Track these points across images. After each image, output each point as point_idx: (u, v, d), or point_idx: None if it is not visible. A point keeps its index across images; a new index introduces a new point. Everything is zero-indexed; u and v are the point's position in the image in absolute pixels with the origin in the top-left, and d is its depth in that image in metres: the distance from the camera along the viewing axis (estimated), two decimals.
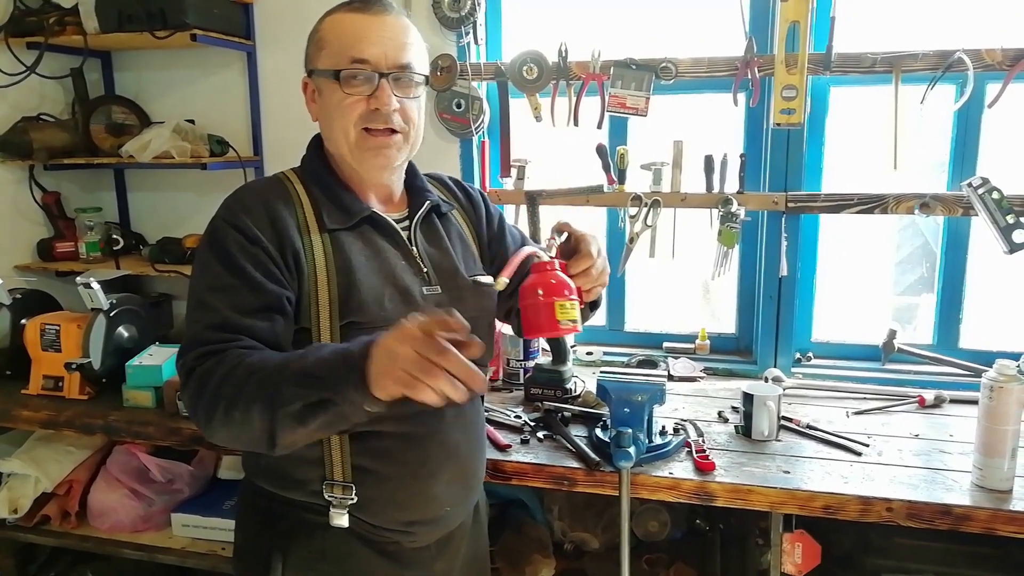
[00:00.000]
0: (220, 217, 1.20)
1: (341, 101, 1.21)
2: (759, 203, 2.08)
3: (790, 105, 1.96)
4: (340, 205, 1.25)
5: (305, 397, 1.00)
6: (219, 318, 1.12)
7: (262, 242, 1.17)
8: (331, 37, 1.23)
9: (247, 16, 2.41)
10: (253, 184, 1.30)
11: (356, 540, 1.25)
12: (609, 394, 1.58)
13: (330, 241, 1.22)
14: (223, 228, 1.18)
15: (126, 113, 2.53)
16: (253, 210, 1.19)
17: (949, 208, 1.95)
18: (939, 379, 2.05)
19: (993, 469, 1.45)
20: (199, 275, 1.18)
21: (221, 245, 1.16)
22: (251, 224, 1.17)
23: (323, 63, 1.23)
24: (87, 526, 2.13)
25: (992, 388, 1.44)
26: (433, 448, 1.25)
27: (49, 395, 2.07)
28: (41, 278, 2.49)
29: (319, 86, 1.25)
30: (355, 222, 1.25)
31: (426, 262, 1.30)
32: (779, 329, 2.16)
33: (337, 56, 1.21)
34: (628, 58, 2.05)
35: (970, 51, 1.85)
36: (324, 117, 1.26)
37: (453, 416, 1.28)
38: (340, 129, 1.23)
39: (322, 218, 1.23)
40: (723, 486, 1.51)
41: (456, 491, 1.31)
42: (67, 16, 2.29)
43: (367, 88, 1.20)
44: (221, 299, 1.13)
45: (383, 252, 1.26)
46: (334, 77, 1.20)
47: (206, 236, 1.20)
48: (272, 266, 1.16)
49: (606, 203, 2.19)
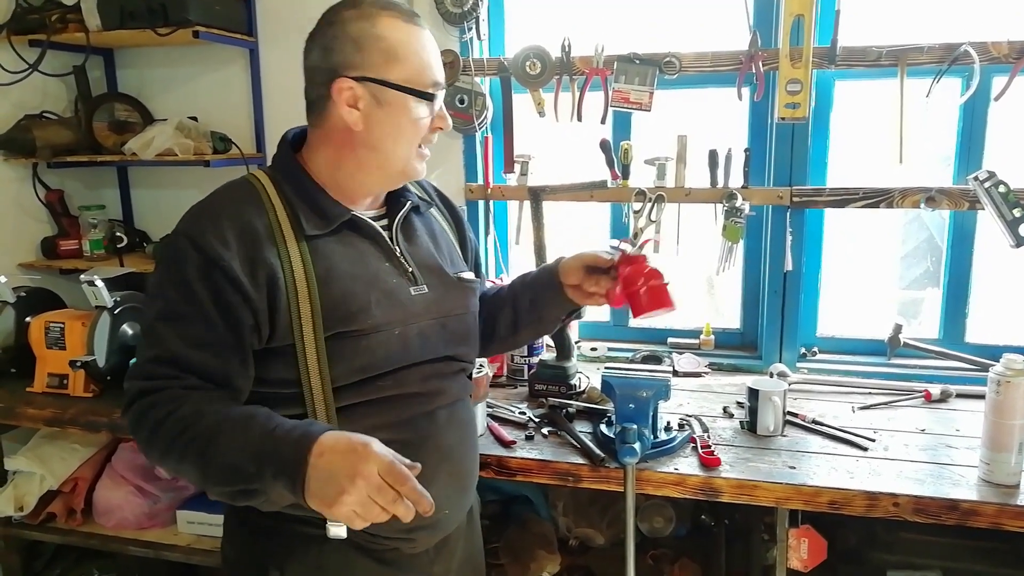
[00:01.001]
0: (181, 232, 1.13)
1: (417, 119, 1.19)
2: (764, 198, 2.07)
3: (795, 99, 1.95)
4: (318, 209, 1.19)
5: (233, 484, 1.01)
6: (166, 352, 1.09)
7: (223, 261, 1.09)
8: (406, 51, 1.17)
9: (249, 12, 2.40)
10: (221, 192, 1.20)
11: (354, 551, 1.22)
12: (614, 390, 1.57)
13: (308, 249, 1.16)
14: (183, 247, 1.11)
15: (129, 110, 2.53)
16: (218, 223, 1.12)
17: (955, 202, 1.94)
18: (945, 374, 2.04)
19: (1000, 464, 1.45)
20: (152, 297, 1.14)
21: (178, 268, 1.10)
22: (214, 242, 1.09)
23: (398, 76, 1.16)
24: (92, 523, 2.14)
25: (999, 382, 1.44)
26: (428, 452, 1.22)
27: (54, 393, 2.07)
28: (45, 276, 2.49)
29: (381, 97, 1.16)
30: (334, 227, 1.20)
31: (410, 262, 1.26)
32: (784, 324, 2.16)
33: (418, 74, 1.17)
34: (631, 53, 2.04)
35: (976, 44, 1.83)
36: (384, 130, 1.18)
37: (446, 419, 1.27)
38: (408, 145, 1.20)
39: (299, 224, 1.17)
40: (728, 482, 1.51)
41: (452, 493, 1.29)
42: (69, 13, 2.29)
43: (438, 106, 1.21)
44: (171, 330, 1.10)
45: (365, 256, 1.22)
46: (421, 96, 1.17)
47: (165, 252, 1.15)
48: (232, 293, 1.09)
49: (610, 198, 2.18)
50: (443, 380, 1.28)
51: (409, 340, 1.21)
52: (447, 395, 1.28)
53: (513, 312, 1.47)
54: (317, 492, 0.95)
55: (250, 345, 1.13)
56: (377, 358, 1.17)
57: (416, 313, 1.23)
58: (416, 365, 1.22)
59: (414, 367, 1.22)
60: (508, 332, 1.49)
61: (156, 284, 1.14)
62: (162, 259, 1.16)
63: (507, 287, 1.51)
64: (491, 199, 2.27)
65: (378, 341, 1.17)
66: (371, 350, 1.17)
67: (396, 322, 1.20)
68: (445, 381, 1.28)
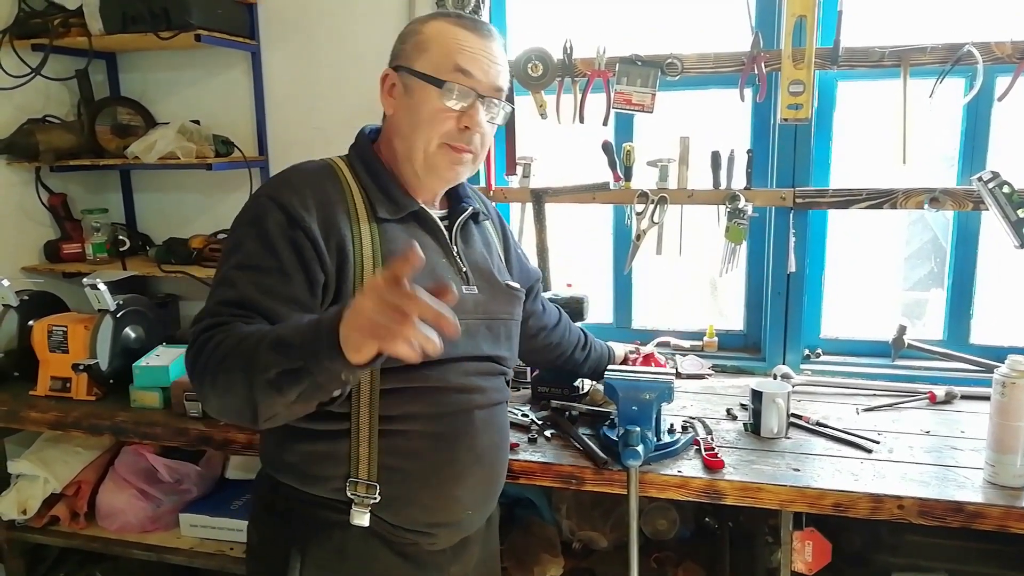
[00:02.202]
0: (264, 194, 1.17)
1: (435, 109, 1.21)
2: (767, 199, 2.07)
3: (797, 100, 1.95)
4: (390, 196, 1.25)
5: (279, 364, 0.94)
6: (237, 295, 1.08)
7: (305, 222, 1.13)
8: (436, 43, 1.22)
9: (251, 16, 2.40)
10: (302, 165, 1.27)
11: (376, 540, 1.25)
12: (617, 392, 1.57)
13: (378, 231, 1.21)
14: (266, 205, 1.15)
15: (131, 114, 2.54)
16: (301, 191, 1.17)
17: (959, 202, 1.93)
18: (950, 375, 2.03)
19: (1005, 465, 1.44)
20: (230, 251, 1.15)
21: (260, 222, 1.13)
22: (296, 204, 1.14)
23: (422, 65, 1.22)
24: (95, 527, 2.14)
25: (1004, 384, 1.43)
26: (462, 451, 1.25)
27: (57, 396, 2.08)
28: (48, 280, 2.50)
29: (409, 85, 1.23)
30: (403, 215, 1.25)
31: (464, 263, 1.31)
32: (788, 326, 2.15)
33: (441, 63, 1.20)
34: (633, 54, 2.04)
35: (979, 44, 1.83)
36: (408, 119, 1.24)
37: (483, 420, 1.29)
38: (424, 136, 1.22)
39: (373, 207, 1.22)
40: (732, 484, 1.50)
41: (479, 496, 1.31)
42: (71, 18, 2.29)
43: (462, 104, 1.21)
44: (247, 277, 1.10)
45: (426, 247, 1.25)
46: (435, 84, 1.20)
47: (245, 212, 1.18)
48: (311, 251, 1.13)
49: (612, 200, 2.18)
50: (483, 379, 1.30)
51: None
52: (485, 395, 1.30)
53: (566, 360, 1.80)
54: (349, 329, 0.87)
55: (319, 304, 1.14)
56: None
57: (465, 311, 1.26)
58: (459, 360, 1.25)
59: (457, 362, 1.25)
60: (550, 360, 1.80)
61: (235, 240, 1.15)
62: (242, 218, 1.18)
63: (578, 339, 1.82)
64: (493, 201, 2.26)
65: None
66: None
67: None
68: (484, 380, 1.30)
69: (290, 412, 1.03)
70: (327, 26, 2.36)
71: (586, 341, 1.84)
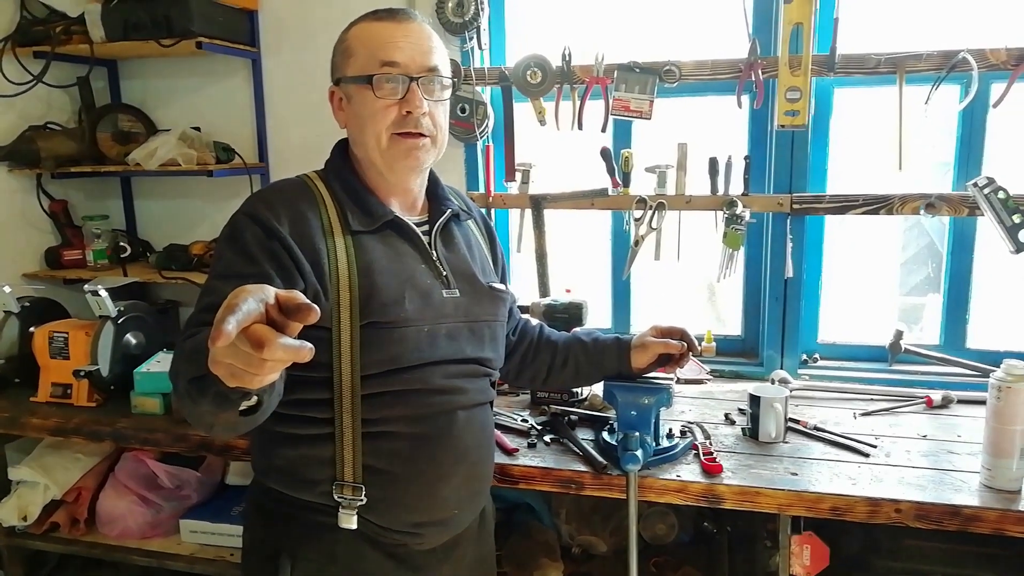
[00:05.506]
0: (241, 211, 1.22)
1: (373, 107, 1.23)
2: (764, 205, 2.08)
3: (794, 107, 1.96)
4: (364, 208, 1.27)
5: (187, 373, 0.95)
6: (217, 300, 1.02)
7: (280, 233, 1.17)
8: (359, 45, 1.25)
9: (252, 24, 2.42)
10: (276, 184, 1.32)
11: (365, 542, 1.26)
12: (616, 397, 1.58)
13: (353, 243, 1.23)
14: (242, 221, 1.19)
15: (132, 121, 2.55)
16: (274, 207, 1.20)
17: (955, 208, 1.94)
18: (946, 379, 2.04)
19: (1002, 469, 1.45)
20: (212, 266, 1.20)
21: (238, 237, 1.17)
22: (271, 219, 1.18)
23: (352, 70, 1.25)
24: (96, 533, 2.14)
25: (1000, 388, 1.44)
26: (444, 450, 1.26)
27: (58, 402, 2.08)
28: (49, 286, 2.51)
29: (348, 93, 1.27)
30: (378, 226, 1.27)
31: (445, 266, 1.32)
32: (785, 331, 2.16)
33: (367, 62, 1.23)
34: (632, 61, 2.06)
35: (974, 51, 1.84)
36: (355, 123, 1.28)
37: (465, 420, 1.30)
38: (372, 134, 1.24)
39: (346, 220, 1.25)
40: (731, 488, 1.51)
41: (465, 494, 1.32)
42: (73, 25, 2.31)
43: (398, 92, 1.23)
44: (227, 286, 1.03)
45: (403, 255, 1.28)
46: (366, 82, 1.22)
47: (225, 229, 1.22)
48: (287, 259, 1.16)
49: (611, 206, 2.19)
50: (466, 380, 1.31)
51: (437, 338, 1.26)
52: (468, 396, 1.31)
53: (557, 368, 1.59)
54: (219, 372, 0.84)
55: None
56: (405, 350, 1.22)
57: (446, 314, 1.28)
58: (441, 363, 1.26)
59: (439, 364, 1.26)
60: (536, 377, 1.62)
61: (216, 255, 1.20)
62: (222, 236, 1.21)
63: (556, 340, 1.62)
64: (492, 207, 2.28)
65: (407, 335, 1.22)
66: (400, 342, 1.21)
67: (426, 320, 1.25)
68: (467, 382, 1.31)
69: (225, 420, 0.98)
70: (328, 34, 2.32)
71: (566, 359, 1.61)
